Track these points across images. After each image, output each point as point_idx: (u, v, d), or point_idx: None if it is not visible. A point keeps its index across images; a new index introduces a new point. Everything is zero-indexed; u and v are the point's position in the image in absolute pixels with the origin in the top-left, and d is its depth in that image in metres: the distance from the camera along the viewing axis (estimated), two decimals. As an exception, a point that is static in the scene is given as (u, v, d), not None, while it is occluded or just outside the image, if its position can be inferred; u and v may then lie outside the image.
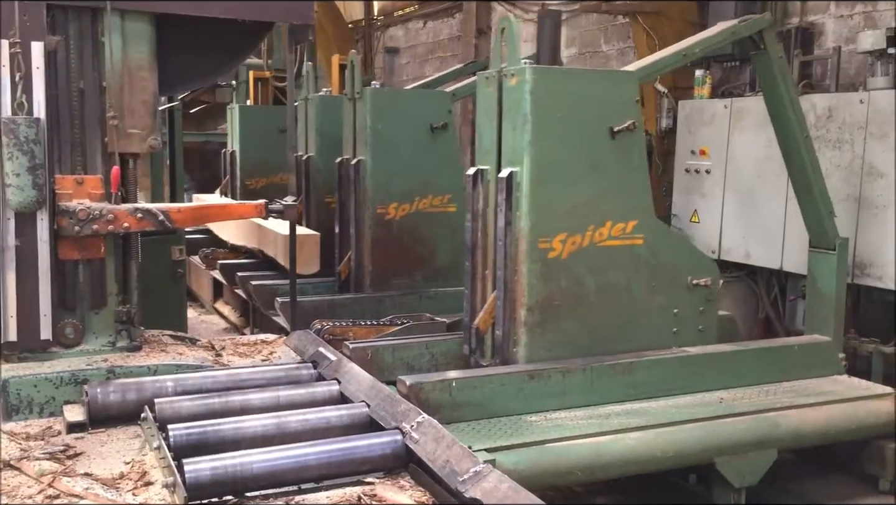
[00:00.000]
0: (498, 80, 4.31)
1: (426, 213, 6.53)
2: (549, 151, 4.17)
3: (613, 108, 4.31)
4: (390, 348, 4.77)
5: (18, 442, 3.57)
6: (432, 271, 6.56)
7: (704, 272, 4.62)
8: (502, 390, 4.03)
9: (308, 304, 6.12)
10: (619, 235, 4.35)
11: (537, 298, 4.19)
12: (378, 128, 6.31)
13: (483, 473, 2.91)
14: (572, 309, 4.28)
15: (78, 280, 4.29)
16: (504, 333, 4.23)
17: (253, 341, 5.06)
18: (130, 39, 4.34)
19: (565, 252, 4.23)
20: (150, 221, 4.33)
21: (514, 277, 4.19)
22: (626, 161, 4.35)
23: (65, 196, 4.16)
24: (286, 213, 4.78)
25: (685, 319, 4.59)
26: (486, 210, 4.37)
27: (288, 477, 3.16)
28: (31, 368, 4.03)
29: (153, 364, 4.23)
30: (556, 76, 4.24)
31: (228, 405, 3.74)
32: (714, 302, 4.69)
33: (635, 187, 4.41)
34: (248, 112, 9.75)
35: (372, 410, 3.65)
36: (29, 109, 4.02)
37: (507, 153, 4.26)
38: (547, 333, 4.24)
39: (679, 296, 4.56)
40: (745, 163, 7.29)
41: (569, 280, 4.27)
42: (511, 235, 4.18)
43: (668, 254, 4.51)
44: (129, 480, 3.21)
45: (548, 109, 4.15)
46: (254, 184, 9.37)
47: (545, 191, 4.17)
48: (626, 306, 4.43)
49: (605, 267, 4.34)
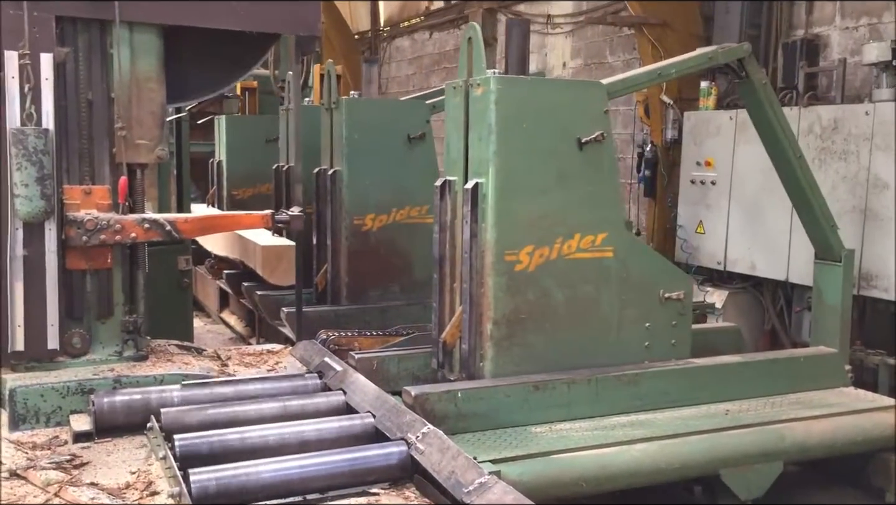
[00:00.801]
0: (465, 90, 4.26)
1: (404, 224, 6.41)
2: (515, 162, 4.11)
3: (582, 118, 4.25)
4: (395, 359, 4.75)
5: (25, 451, 3.58)
6: (410, 283, 6.45)
7: (677, 285, 4.55)
8: (507, 401, 4.00)
9: (313, 314, 6.09)
10: (588, 248, 4.28)
11: (504, 311, 4.11)
12: (354, 138, 6.23)
13: (488, 485, 2.91)
14: (540, 323, 4.21)
15: (85, 290, 4.31)
16: (470, 347, 4.15)
17: (259, 351, 5.07)
18: (139, 51, 4.37)
19: (532, 265, 4.16)
20: (157, 232, 4.35)
21: (481, 290, 4.11)
22: (594, 172, 4.28)
23: (73, 206, 4.18)
24: (292, 223, 4.80)
25: (657, 332, 4.51)
26: (454, 222, 4.30)
27: (293, 487, 3.17)
28: (37, 378, 4.05)
29: (159, 374, 4.24)
30: (523, 86, 4.17)
31: (234, 415, 3.75)
32: (687, 316, 4.62)
33: (605, 199, 4.34)
34: (235, 122, 9.68)
35: (377, 420, 3.65)
36: (38, 120, 4.05)
37: (473, 164, 4.20)
38: (514, 347, 4.16)
39: (651, 309, 4.48)
40: (750, 174, 7.28)
41: (536, 293, 4.19)
42: (477, 248, 4.11)
43: (639, 267, 4.43)
44: (135, 489, 3.21)
45: (513, 120, 4.09)
46: (241, 194, 9.32)
47: (511, 202, 4.11)
48: (596, 320, 4.35)
49: (574, 280, 4.27)
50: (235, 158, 9.41)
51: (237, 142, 9.41)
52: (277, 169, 7.58)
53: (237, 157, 9.40)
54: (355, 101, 6.36)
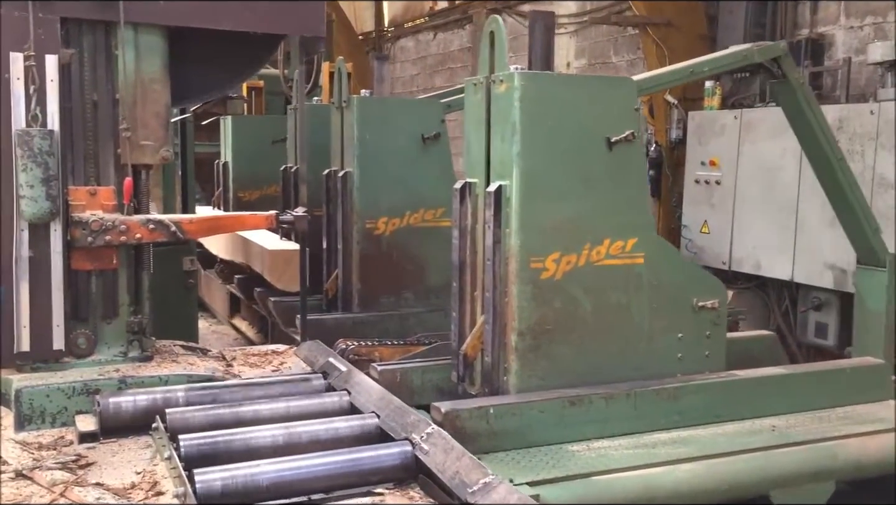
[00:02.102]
0: (486, 87, 4.04)
1: (418, 228, 6.14)
2: (541, 163, 3.88)
3: (611, 117, 4.01)
4: (419, 370, 4.48)
5: (31, 452, 3.59)
6: (424, 290, 6.20)
7: (711, 294, 4.30)
8: (542, 418, 3.75)
9: (330, 321, 5.86)
10: (617, 254, 4.05)
11: (529, 321, 3.87)
12: (366, 138, 5.98)
13: (492, 485, 2.91)
14: (567, 334, 3.97)
15: (90, 291, 4.32)
16: (493, 359, 3.93)
17: (263, 352, 5.07)
18: (143, 52, 4.38)
19: (559, 272, 3.93)
20: (161, 232, 4.36)
21: (504, 299, 3.89)
22: (624, 174, 4.06)
23: (78, 207, 4.19)
24: (297, 223, 4.81)
25: (690, 343, 4.26)
26: (475, 227, 4.08)
27: (298, 488, 3.17)
28: (43, 379, 4.05)
29: (164, 374, 4.25)
30: (548, 82, 3.93)
31: (239, 416, 3.76)
32: (722, 326, 4.36)
33: (635, 202, 4.12)
34: (241, 123, 9.49)
35: (382, 420, 3.66)
36: (43, 121, 4.06)
37: (496, 166, 3.98)
38: (540, 359, 3.92)
39: (684, 319, 4.23)
40: (755, 174, 7.28)
41: (563, 302, 3.95)
42: (500, 254, 3.89)
43: (671, 274, 4.20)
44: (141, 489, 3.22)
45: (539, 118, 3.86)
46: (247, 196, 9.14)
47: (536, 206, 3.87)
48: (625, 330, 4.11)
49: (603, 288, 4.03)
50: (242, 160, 9.25)
51: (243, 143, 9.25)
52: (285, 170, 7.45)
53: (243, 159, 9.24)
54: (367, 100, 6.11)
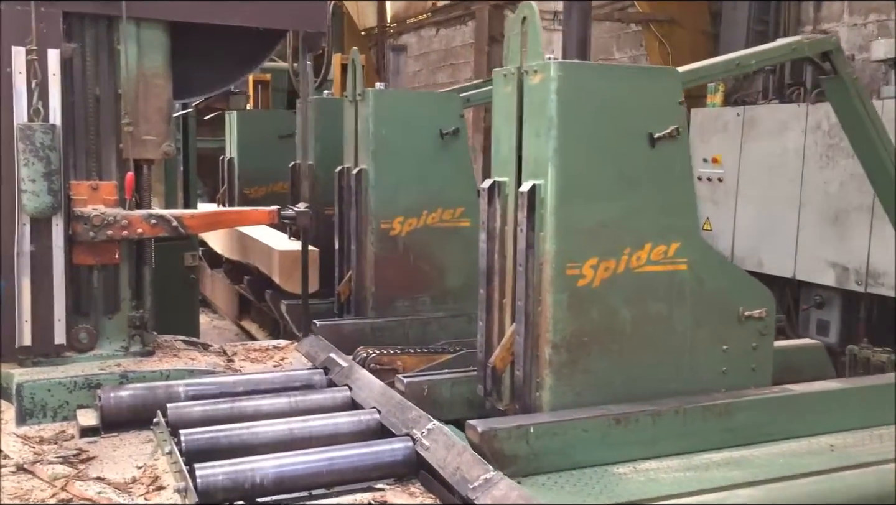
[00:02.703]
0: (518, 78, 3.74)
1: (435, 228, 5.83)
2: (579, 161, 3.59)
3: (653, 110, 3.72)
4: (448, 383, 4.21)
5: (32, 446, 3.60)
6: (442, 293, 5.88)
7: (758, 302, 3.99)
8: (585, 437, 3.48)
9: (348, 327, 5.51)
10: (659, 260, 3.77)
11: (564, 333, 3.59)
12: (382, 133, 5.66)
13: (493, 481, 2.91)
14: (605, 346, 3.68)
15: (92, 285, 4.32)
16: (525, 374, 3.63)
17: (265, 347, 5.08)
18: (145, 47, 4.38)
19: (597, 280, 3.64)
20: (163, 227, 4.36)
21: (538, 308, 3.60)
22: (667, 172, 3.78)
23: (80, 202, 4.19)
24: (299, 219, 4.81)
25: (736, 356, 3.95)
26: (504, 229, 3.81)
27: (298, 483, 3.17)
28: (45, 373, 4.06)
29: (166, 369, 4.26)
30: (588, 73, 3.63)
31: (240, 411, 3.76)
32: (769, 337, 4.06)
33: (679, 203, 3.81)
34: (247, 117, 9.04)
35: (383, 416, 3.66)
36: (45, 116, 4.06)
37: (529, 164, 3.68)
38: (575, 374, 3.63)
39: (729, 330, 3.94)
40: (757, 171, 7.27)
41: (601, 312, 3.66)
42: (533, 260, 3.60)
43: (716, 281, 3.90)
44: (141, 484, 3.23)
45: (577, 112, 3.57)
46: (253, 193, 8.77)
47: (574, 208, 3.59)
48: (667, 343, 3.82)
49: (643, 297, 3.74)
50: (247, 156, 8.85)
51: (249, 138, 8.86)
52: (294, 167, 7.03)
53: (249, 155, 8.84)
54: (383, 93, 5.77)
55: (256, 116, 9.44)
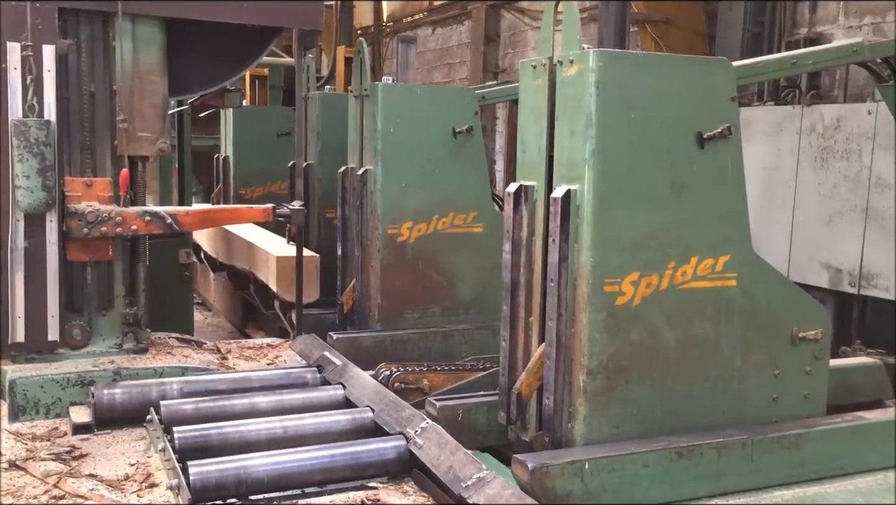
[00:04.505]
0: (549, 70, 3.36)
1: (446, 234, 5.43)
2: (620, 164, 3.21)
3: (703, 107, 3.36)
4: (484, 407, 3.83)
5: (24, 442, 3.59)
6: (453, 304, 5.50)
7: (813, 321, 3.64)
8: (645, 473, 3.17)
9: (366, 340, 5.13)
10: (706, 275, 3.40)
11: (601, 357, 3.23)
12: (390, 131, 5.25)
13: (486, 479, 2.91)
14: (646, 372, 3.33)
15: (86, 282, 4.32)
16: (556, 402, 3.27)
17: (259, 345, 5.08)
18: (141, 44, 4.38)
19: (637, 297, 3.28)
20: (158, 224, 4.35)
21: (571, 329, 3.25)
22: (717, 176, 3.41)
23: (74, 198, 4.19)
24: (293, 217, 4.81)
25: (788, 382, 3.61)
26: (532, 239, 3.43)
27: (292, 480, 3.17)
28: (37, 369, 4.06)
29: (159, 366, 4.25)
30: (631, 64, 3.25)
31: (233, 408, 3.76)
32: (824, 361, 3.72)
33: (729, 211, 3.45)
34: (243, 114, 8.62)
35: (376, 414, 3.66)
36: (40, 112, 4.06)
37: (563, 166, 3.29)
38: (613, 402, 3.27)
39: (781, 353, 3.59)
40: (752, 173, 7.27)
41: (642, 334, 3.30)
42: (567, 274, 3.23)
43: (767, 298, 3.53)
44: (134, 481, 3.22)
45: (619, 108, 3.19)
46: (249, 193, 8.46)
47: (614, 216, 3.21)
48: (714, 368, 3.46)
49: (688, 316, 3.39)
50: (243, 154, 8.53)
51: (246, 136, 8.53)
52: (293, 167, 6.84)
53: (245, 153, 8.52)
54: (391, 88, 5.35)
55: (253, 113, 9.12)
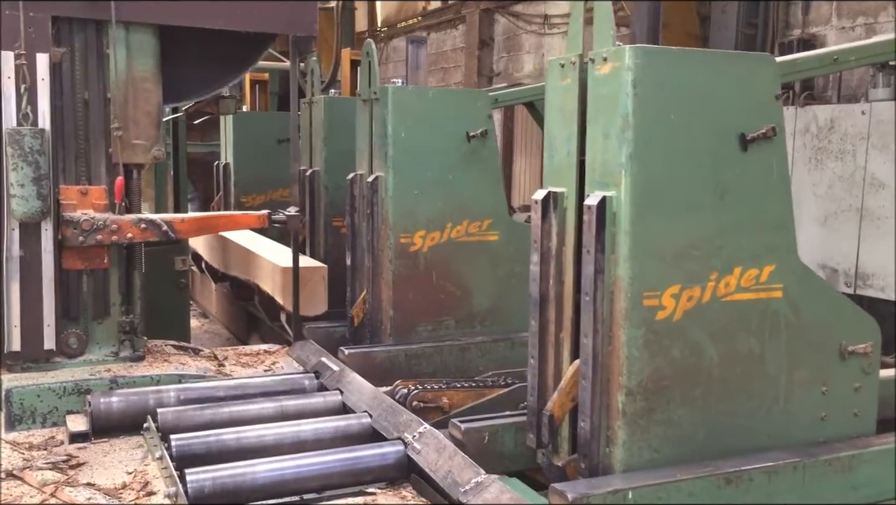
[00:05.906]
0: (580, 69, 3.18)
1: (461, 243, 5.20)
2: (660, 168, 3.00)
3: (745, 107, 3.14)
4: (512, 429, 3.62)
5: (21, 452, 3.58)
6: (468, 316, 5.26)
7: (863, 334, 3.43)
8: (691, 501, 3.00)
9: (380, 354, 4.92)
10: (750, 286, 3.19)
11: (641, 376, 3.03)
12: (401, 136, 5.03)
13: (484, 484, 2.91)
14: (688, 391, 3.12)
15: (82, 290, 4.31)
16: (592, 425, 3.05)
17: (255, 352, 5.07)
18: (135, 51, 4.37)
19: (679, 311, 3.07)
20: (153, 232, 4.35)
21: (608, 346, 3.04)
22: (761, 181, 3.19)
23: (69, 206, 4.18)
24: (289, 223, 4.81)
25: (837, 399, 3.39)
26: (563, 250, 3.22)
27: (290, 487, 3.17)
28: (34, 378, 4.04)
29: (156, 374, 4.24)
30: (669, 61, 3.02)
31: (231, 415, 3.75)
32: (874, 376, 3.50)
33: (774, 218, 3.23)
34: (244, 120, 8.51)
35: (374, 420, 3.66)
36: (34, 120, 4.05)
37: (596, 171, 3.09)
38: (653, 425, 3.06)
39: (828, 368, 3.38)
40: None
41: (683, 351, 3.09)
42: (603, 287, 3.02)
43: (813, 310, 3.33)
44: (132, 489, 3.21)
45: (658, 108, 2.99)
46: (250, 201, 8.29)
47: (653, 225, 3.00)
48: (759, 385, 3.26)
49: (732, 331, 3.18)
50: (244, 161, 8.37)
51: (246, 142, 8.37)
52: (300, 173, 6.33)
53: (246, 160, 8.36)
54: (402, 91, 5.13)
55: (254, 119, 8.91)
